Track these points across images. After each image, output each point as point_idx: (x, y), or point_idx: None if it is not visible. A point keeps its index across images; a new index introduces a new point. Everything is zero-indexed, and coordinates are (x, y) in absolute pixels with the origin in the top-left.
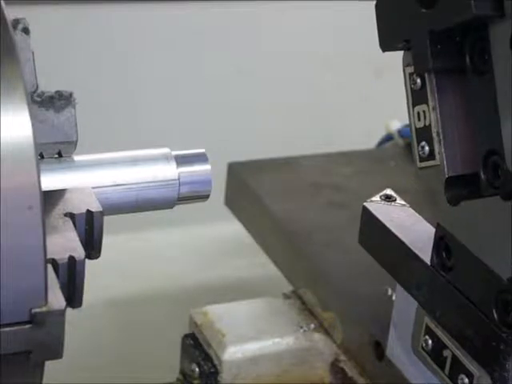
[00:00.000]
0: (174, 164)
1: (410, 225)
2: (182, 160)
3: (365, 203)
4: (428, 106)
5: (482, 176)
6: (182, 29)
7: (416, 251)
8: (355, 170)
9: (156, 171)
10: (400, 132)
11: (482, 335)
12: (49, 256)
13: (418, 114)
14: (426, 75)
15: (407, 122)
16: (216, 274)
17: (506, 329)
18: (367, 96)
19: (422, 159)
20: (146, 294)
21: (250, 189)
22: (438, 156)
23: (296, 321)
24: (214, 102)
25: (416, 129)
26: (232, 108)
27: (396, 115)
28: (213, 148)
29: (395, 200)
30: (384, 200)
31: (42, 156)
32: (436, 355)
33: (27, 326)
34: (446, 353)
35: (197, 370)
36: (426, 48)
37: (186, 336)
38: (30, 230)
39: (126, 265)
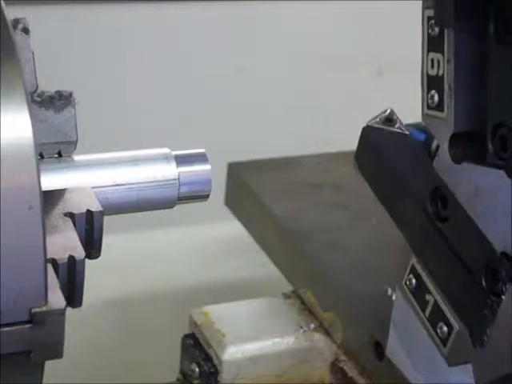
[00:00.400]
0: (173, 164)
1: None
2: (181, 160)
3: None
4: (443, 56)
5: (490, 147)
6: (182, 29)
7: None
8: (355, 169)
9: (156, 171)
10: None
11: (468, 295)
12: (49, 256)
13: (432, 60)
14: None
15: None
16: (216, 274)
17: (493, 296)
18: (367, 96)
19: (429, 107)
20: (146, 294)
21: (250, 189)
22: (446, 109)
23: (296, 321)
24: (214, 102)
25: (428, 75)
26: (232, 108)
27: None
28: (213, 148)
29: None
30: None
31: (42, 156)
32: (418, 296)
33: (27, 326)
34: (428, 297)
35: (197, 369)
36: (449, 6)
37: (186, 336)
38: (30, 230)
39: (126, 265)
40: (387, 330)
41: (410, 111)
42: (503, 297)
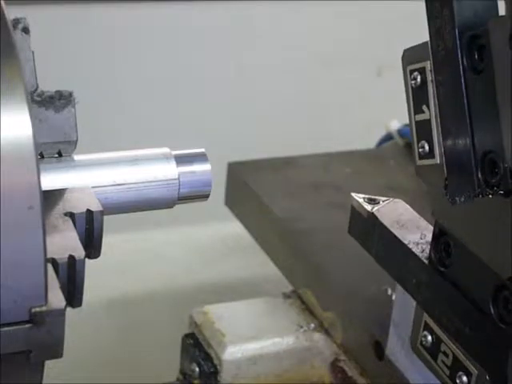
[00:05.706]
0: (173, 164)
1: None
2: (181, 160)
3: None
4: (428, 106)
5: (480, 176)
6: (182, 29)
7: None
8: (355, 169)
9: (156, 171)
10: (400, 131)
11: (480, 334)
12: (49, 255)
13: (418, 111)
14: (427, 77)
15: (407, 121)
16: (216, 274)
17: (504, 325)
18: (367, 96)
19: (421, 157)
20: (145, 294)
21: (250, 189)
22: (437, 156)
23: (296, 321)
24: (214, 102)
25: (416, 127)
26: (232, 108)
27: (396, 115)
28: (213, 148)
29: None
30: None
31: (41, 156)
32: (435, 352)
33: (27, 326)
34: (444, 350)
35: (197, 369)
36: None
37: (186, 336)
38: (30, 230)
39: (126, 265)
40: (387, 330)
41: None
42: None
